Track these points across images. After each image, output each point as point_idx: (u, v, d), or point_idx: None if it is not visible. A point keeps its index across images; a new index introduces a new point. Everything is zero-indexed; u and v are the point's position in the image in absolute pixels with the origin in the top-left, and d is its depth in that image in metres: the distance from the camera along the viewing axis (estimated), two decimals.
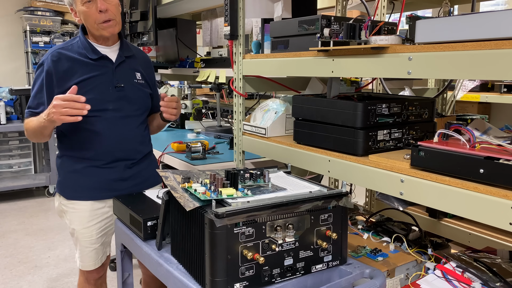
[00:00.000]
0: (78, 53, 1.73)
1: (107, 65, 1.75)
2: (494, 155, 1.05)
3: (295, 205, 1.10)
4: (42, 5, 5.43)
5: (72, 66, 1.70)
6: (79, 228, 1.79)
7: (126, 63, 1.81)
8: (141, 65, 1.87)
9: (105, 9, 1.66)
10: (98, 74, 1.72)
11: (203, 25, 3.63)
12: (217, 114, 3.28)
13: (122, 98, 1.75)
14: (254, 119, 1.94)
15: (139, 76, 1.83)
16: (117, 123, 1.75)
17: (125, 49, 1.82)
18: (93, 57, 1.72)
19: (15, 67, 5.60)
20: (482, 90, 3.59)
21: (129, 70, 1.81)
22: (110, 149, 1.75)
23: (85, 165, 1.76)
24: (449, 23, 1.10)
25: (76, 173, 1.77)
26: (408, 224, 1.58)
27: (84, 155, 1.75)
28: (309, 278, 1.15)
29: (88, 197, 1.76)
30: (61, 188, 1.82)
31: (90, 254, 1.82)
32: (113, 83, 1.74)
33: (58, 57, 1.70)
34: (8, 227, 4.03)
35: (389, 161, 1.29)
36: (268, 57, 1.78)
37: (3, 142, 5.11)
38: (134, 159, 1.82)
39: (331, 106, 1.47)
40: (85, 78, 1.68)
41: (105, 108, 1.72)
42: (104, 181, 1.77)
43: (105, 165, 1.76)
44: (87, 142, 1.74)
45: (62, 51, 1.72)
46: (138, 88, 1.81)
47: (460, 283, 1.13)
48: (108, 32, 1.71)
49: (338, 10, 2.31)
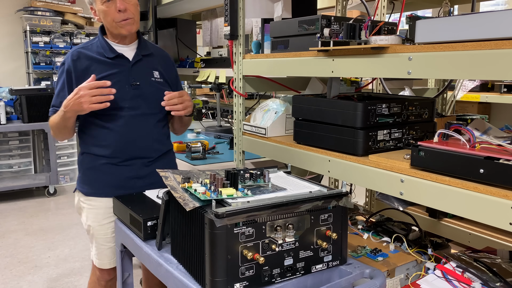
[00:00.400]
0: (97, 52, 1.77)
1: (124, 63, 1.77)
2: (494, 155, 1.05)
3: (295, 205, 1.10)
4: (42, 5, 5.43)
5: (90, 64, 1.74)
6: (95, 225, 1.81)
7: (144, 61, 1.82)
8: (160, 63, 1.87)
9: (124, 9, 1.69)
10: (114, 72, 1.74)
11: (203, 25, 3.63)
12: (217, 114, 3.29)
13: (138, 96, 1.77)
14: (254, 119, 1.94)
15: (157, 75, 1.84)
16: (133, 121, 1.76)
17: (143, 47, 1.84)
18: (110, 55, 1.76)
19: (15, 67, 5.60)
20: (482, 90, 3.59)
21: (146, 69, 1.82)
22: (126, 146, 1.77)
23: (103, 162, 1.78)
24: (449, 23, 1.10)
25: (94, 170, 1.80)
26: (408, 224, 1.58)
27: (102, 152, 1.78)
28: (309, 278, 1.15)
29: (105, 194, 1.78)
30: (80, 184, 1.85)
31: (106, 252, 1.83)
32: (129, 81, 1.76)
33: (77, 56, 1.75)
34: (8, 227, 4.03)
35: (389, 161, 1.29)
36: (268, 57, 1.78)
37: (3, 142, 5.11)
38: (150, 157, 1.83)
39: (331, 106, 1.47)
40: (101, 77, 1.71)
41: (121, 106, 1.74)
42: (120, 179, 1.79)
43: (121, 162, 1.78)
44: (104, 140, 1.77)
45: (81, 50, 1.78)
46: (155, 86, 1.81)
47: (460, 283, 1.13)
48: (126, 30, 1.73)
49: (338, 10, 2.31)
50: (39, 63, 5.49)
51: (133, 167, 1.79)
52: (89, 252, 3.49)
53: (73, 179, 5.55)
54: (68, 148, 5.49)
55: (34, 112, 4.77)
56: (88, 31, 5.74)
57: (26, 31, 5.38)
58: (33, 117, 4.77)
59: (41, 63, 5.49)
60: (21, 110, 4.78)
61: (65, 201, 4.87)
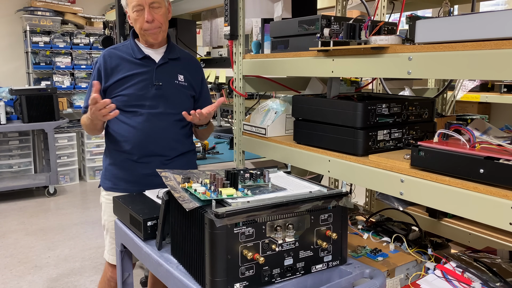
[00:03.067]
0: (127, 53, 1.87)
1: (150, 65, 1.86)
2: (494, 155, 1.05)
3: (295, 205, 1.10)
4: (42, 5, 5.42)
5: (119, 63, 1.85)
6: (110, 220, 1.87)
7: (169, 64, 1.89)
8: (186, 68, 1.93)
9: (151, 20, 1.78)
10: (139, 72, 1.84)
11: (203, 25, 3.62)
12: (217, 114, 3.29)
13: (159, 96, 1.84)
14: (254, 119, 1.93)
15: (182, 78, 1.90)
16: (152, 119, 1.83)
17: (171, 52, 1.91)
18: (138, 56, 1.85)
19: (15, 67, 5.59)
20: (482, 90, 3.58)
21: (171, 72, 1.89)
22: (145, 143, 1.84)
23: (123, 158, 1.87)
24: (449, 23, 1.10)
25: (115, 165, 1.89)
26: (408, 224, 1.58)
27: (122, 148, 1.86)
28: (309, 278, 1.15)
29: (123, 190, 1.85)
30: (102, 179, 1.95)
31: None
32: (153, 81, 1.84)
33: (110, 55, 1.87)
34: (8, 227, 4.03)
35: (389, 161, 1.29)
36: (268, 57, 1.78)
37: (3, 142, 5.11)
38: (168, 156, 1.89)
39: (331, 106, 1.47)
40: (128, 75, 1.82)
41: (142, 104, 1.82)
42: (138, 175, 1.86)
43: (139, 159, 1.86)
44: (124, 136, 1.85)
45: (114, 50, 1.89)
46: (178, 89, 1.88)
47: (460, 283, 1.13)
48: (152, 38, 1.83)
49: (338, 10, 2.31)
50: (39, 63, 5.49)
51: (151, 164, 1.85)
52: (89, 252, 3.49)
53: (73, 179, 5.56)
54: (68, 148, 5.49)
55: (34, 112, 4.77)
56: (88, 31, 5.74)
57: (26, 31, 5.38)
58: (33, 117, 4.77)
59: (41, 63, 5.49)
60: (21, 110, 4.78)
61: (65, 201, 4.87)
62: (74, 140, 5.54)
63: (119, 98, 1.82)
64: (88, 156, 5.62)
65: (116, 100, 1.82)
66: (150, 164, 1.85)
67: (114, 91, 1.83)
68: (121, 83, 1.82)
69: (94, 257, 3.40)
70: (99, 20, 5.81)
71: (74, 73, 5.69)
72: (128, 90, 1.81)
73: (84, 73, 5.74)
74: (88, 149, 5.62)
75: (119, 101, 1.81)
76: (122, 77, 1.82)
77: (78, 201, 4.90)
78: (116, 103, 1.79)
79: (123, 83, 1.81)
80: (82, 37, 5.68)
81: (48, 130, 4.84)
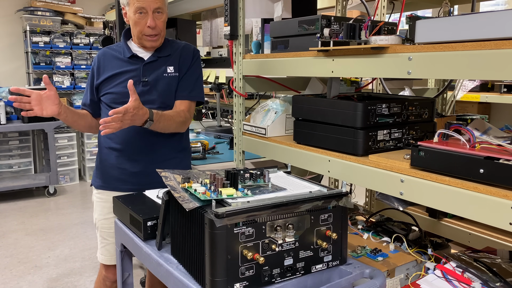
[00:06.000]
0: (118, 52, 1.89)
1: (138, 62, 1.85)
2: (494, 155, 1.05)
3: (295, 205, 1.10)
4: (42, 5, 5.42)
5: (109, 62, 1.87)
6: (100, 218, 1.87)
7: (159, 61, 1.86)
8: (177, 59, 1.88)
9: (154, 26, 1.77)
10: (127, 70, 1.84)
11: (203, 25, 3.62)
12: (217, 114, 3.29)
13: (146, 92, 1.82)
14: (254, 119, 1.93)
15: (171, 69, 1.86)
16: None
17: (162, 50, 1.87)
18: (127, 55, 1.85)
19: (15, 67, 5.59)
20: (482, 90, 3.58)
21: (160, 66, 1.86)
22: (132, 140, 1.83)
23: (112, 156, 1.86)
24: (449, 23, 1.10)
25: (105, 164, 1.89)
26: (408, 224, 1.58)
27: (111, 146, 1.86)
28: (309, 278, 1.15)
29: (112, 188, 1.84)
30: (93, 178, 1.95)
31: (109, 247, 1.85)
32: (140, 78, 1.83)
33: (103, 54, 1.90)
34: (8, 227, 4.03)
35: (389, 161, 1.29)
36: (268, 57, 1.78)
37: (3, 142, 5.11)
38: (158, 153, 1.86)
39: (331, 106, 1.47)
40: (116, 73, 1.83)
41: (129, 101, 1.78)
42: (128, 173, 1.84)
43: (128, 157, 1.84)
44: (113, 134, 1.78)
45: (107, 49, 1.92)
46: (166, 81, 1.84)
47: (460, 283, 1.13)
48: (149, 44, 1.83)
49: (338, 10, 2.31)
50: (39, 63, 5.49)
51: (140, 162, 1.83)
52: (89, 252, 3.49)
53: (73, 179, 5.56)
54: (68, 148, 5.50)
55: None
56: (88, 31, 5.74)
57: (26, 31, 5.38)
58: (33, 117, 4.73)
59: (41, 63, 5.49)
60: (21, 110, 4.77)
61: (65, 201, 4.88)
62: (74, 140, 5.54)
63: (108, 96, 1.83)
64: (88, 156, 5.62)
65: (105, 97, 1.84)
66: (139, 162, 1.83)
67: (104, 88, 1.84)
68: (109, 81, 1.83)
69: (94, 257, 3.40)
70: (99, 20, 5.81)
71: (74, 73, 5.70)
72: (116, 88, 1.81)
73: (84, 73, 5.74)
74: (88, 149, 5.62)
75: (108, 98, 1.83)
76: (110, 75, 1.83)
77: (78, 201, 4.90)
78: (106, 101, 1.84)
79: (111, 81, 1.82)
80: (82, 37, 5.68)
81: (48, 130, 4.84)
